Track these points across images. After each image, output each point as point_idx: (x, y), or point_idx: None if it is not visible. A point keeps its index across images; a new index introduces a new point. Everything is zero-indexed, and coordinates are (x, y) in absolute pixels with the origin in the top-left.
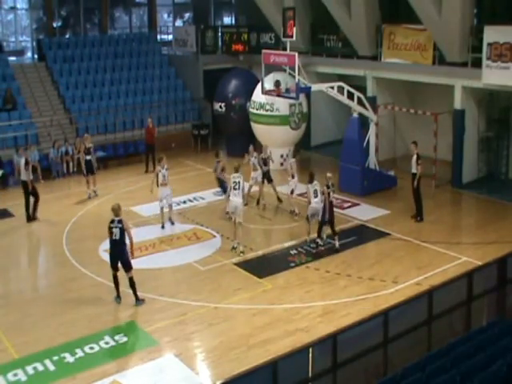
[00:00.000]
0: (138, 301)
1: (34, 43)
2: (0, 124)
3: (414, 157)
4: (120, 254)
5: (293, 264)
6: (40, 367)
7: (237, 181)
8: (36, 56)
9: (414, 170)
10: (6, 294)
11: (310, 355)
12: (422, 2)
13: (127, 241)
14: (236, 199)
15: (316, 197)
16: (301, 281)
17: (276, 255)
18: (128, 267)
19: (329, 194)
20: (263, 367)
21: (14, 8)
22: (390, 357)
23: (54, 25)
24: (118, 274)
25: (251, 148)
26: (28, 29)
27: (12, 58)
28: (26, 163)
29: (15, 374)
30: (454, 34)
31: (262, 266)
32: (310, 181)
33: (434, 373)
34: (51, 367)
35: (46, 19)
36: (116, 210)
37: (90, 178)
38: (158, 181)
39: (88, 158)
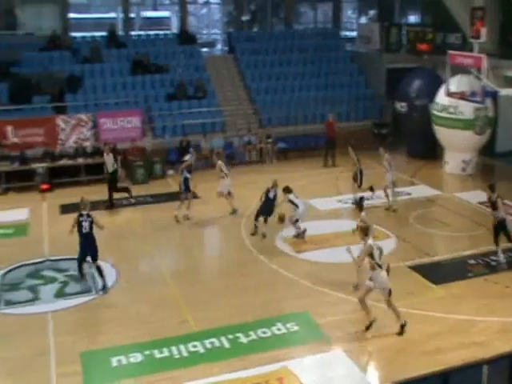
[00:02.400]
0: (105, 289)
1: (224, 36)
2: (191, 111)
3: None
4: (90, 245)
5: (470, 274)
6: (216, 343)
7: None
8: (225, 48)
9: None
10: (190, 271)
11: (486, 372)
12: None
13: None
14: None
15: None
16: (477, 292)
17: (453, 263)
18: (96, 257)
19: None
20: (434, 377)
21: (207, 3)
22: None
23: (243, 19)
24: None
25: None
26: (219, 22)
27: (204, 50)
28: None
29: (194, 346)
30: None
31: (438, 272)
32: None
33: None
34: (226, 345)
35: (235, 13)
36: (85, 204)
37: (189, 200)
38: None
39: (188, 175)
